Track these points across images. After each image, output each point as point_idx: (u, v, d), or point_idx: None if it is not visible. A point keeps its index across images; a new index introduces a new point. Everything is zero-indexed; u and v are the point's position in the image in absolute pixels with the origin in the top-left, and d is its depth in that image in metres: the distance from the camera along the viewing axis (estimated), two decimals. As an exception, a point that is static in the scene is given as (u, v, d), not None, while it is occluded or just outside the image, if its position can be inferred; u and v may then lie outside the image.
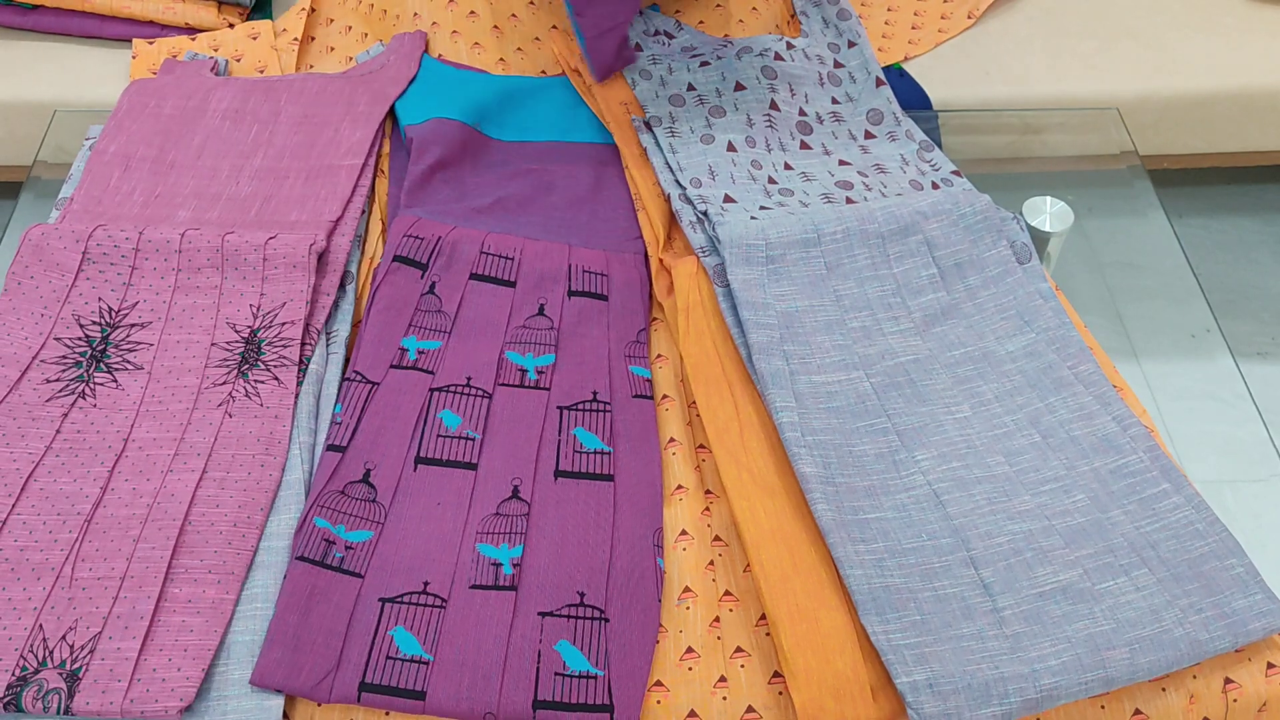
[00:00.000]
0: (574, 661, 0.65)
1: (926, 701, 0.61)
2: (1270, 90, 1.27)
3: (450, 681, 0.63)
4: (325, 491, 0.71)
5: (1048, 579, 0.67)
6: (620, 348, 0.83)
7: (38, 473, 0.72)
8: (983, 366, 0.80)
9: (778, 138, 0.99)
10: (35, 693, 0.61)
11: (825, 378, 0.78)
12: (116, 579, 0.66)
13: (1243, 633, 0.65)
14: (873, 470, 0.73)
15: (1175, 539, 0.69)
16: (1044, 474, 0.73)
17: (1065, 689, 0.63)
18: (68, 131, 1.07)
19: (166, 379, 0.78)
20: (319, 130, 0.98)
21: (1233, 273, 1.58)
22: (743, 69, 1.02)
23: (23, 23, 1.21)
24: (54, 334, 0.80)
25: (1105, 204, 1.09)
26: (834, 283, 0.84)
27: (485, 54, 1.11)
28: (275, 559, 0.69)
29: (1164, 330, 0.98)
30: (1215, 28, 1.32)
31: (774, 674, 0.66)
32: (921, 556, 0.68)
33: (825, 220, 0.86)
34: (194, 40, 1.12)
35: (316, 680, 0.63)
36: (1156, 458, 0.74)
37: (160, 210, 0.90)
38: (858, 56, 1.08)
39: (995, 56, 1.26)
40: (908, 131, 1.01)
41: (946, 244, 0.86)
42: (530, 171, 0.98)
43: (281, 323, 0.81)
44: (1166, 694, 0.66)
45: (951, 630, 0.65)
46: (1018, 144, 1.20)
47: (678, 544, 0.72)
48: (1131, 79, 1.26)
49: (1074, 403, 0.77)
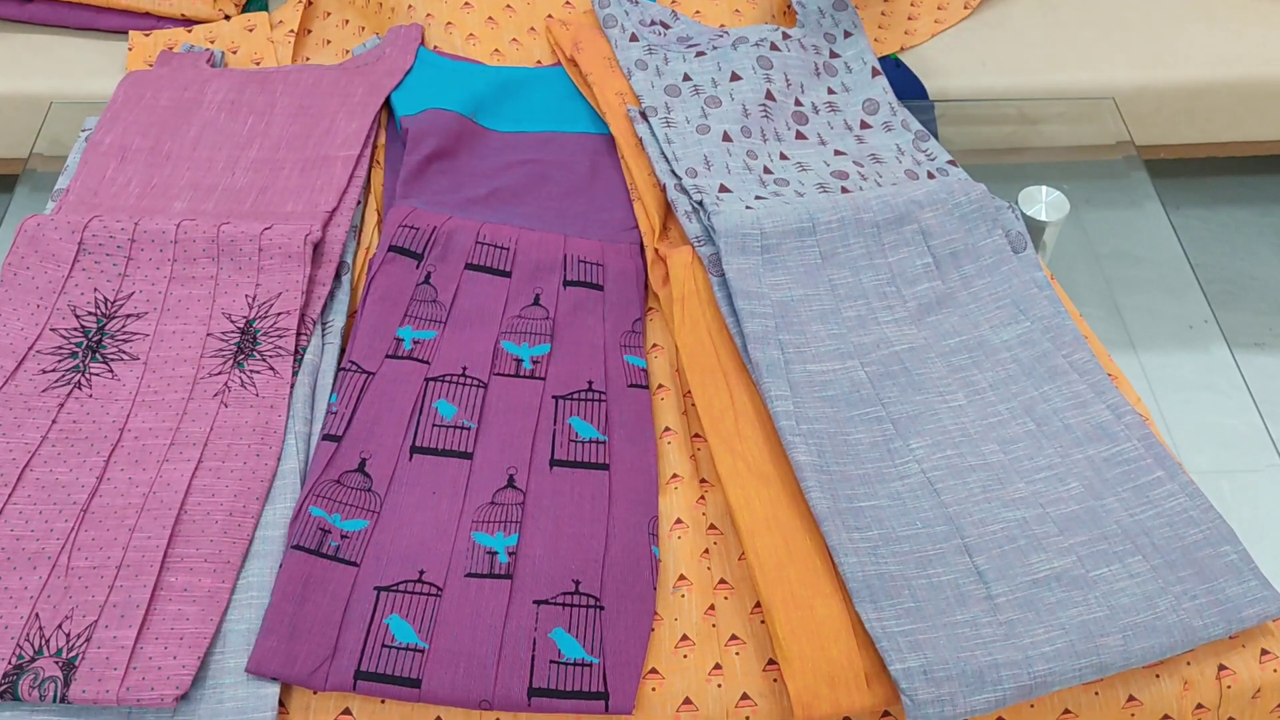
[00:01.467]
0: (569, 649, 0.65)
1: (920, 688, 0.61)
2: (1267, 80, 1.27)
3: (446, 669, 0.64)
4: (321, 481, 0.71)
5: (1041, 566, 0.67)
6: (616, 337, 0.83)
7: (34, 463, 0.72)
8: (977, 355, 0.80)
9: (773, 128, 0.99)
10: (31, 681, 0.61)
11: (820, 366, 0.78)
12: (113, 568, 0.67)
13: (1236, 619, 0.65)
14: (867, 459, 0.73)
15: (1169, 526, 0.70)
16: (1038, 462, 0.73)
17: (1059, 675, 0.63)
18: (64, 123, 1.07)
19: (162, 369, 0.78)
20: (315, 121, 0.98)
21: (1229, 263, 1.58)
22: (738, 59, 1.02)
23: (19, 14, 1.21)
24: (50, 325, 0.80)
25: (1102, 194, 1.08)
26: (829, 272, 0.84)
27: (480, 45, 1.11)
28: (271, 548, 0.69)
29: (1161, 321, 0.98)
30: (1212, 18, 1.32)
31: (769, 661, 0.66)
32: (916, 544, 0.68)
33: (820, 209, 0.86)
34: (190, 32, 1.12)
35: (312, 668, 0.63)
36: (1150, 445, 0.74)
37: (156, 201, 0.90)
38: (853, 46, 1.08)
39: (991, 46, 1.26)
40: (903, 121, 1.01)
41: (941, 233, 0.86)
42: (526, 162, 0.98)
43: (277, 313, 0.81)
44: (1160, 680, 0.66)
45: (945, 617, 0.65)
46: (1014, 134, 1.20)
47: (673, 532, 0.72)
48: (1128, 69, 1.25)
49: (1068, 391, 0.77)
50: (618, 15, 1.09)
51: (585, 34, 1.08)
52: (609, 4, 1.10)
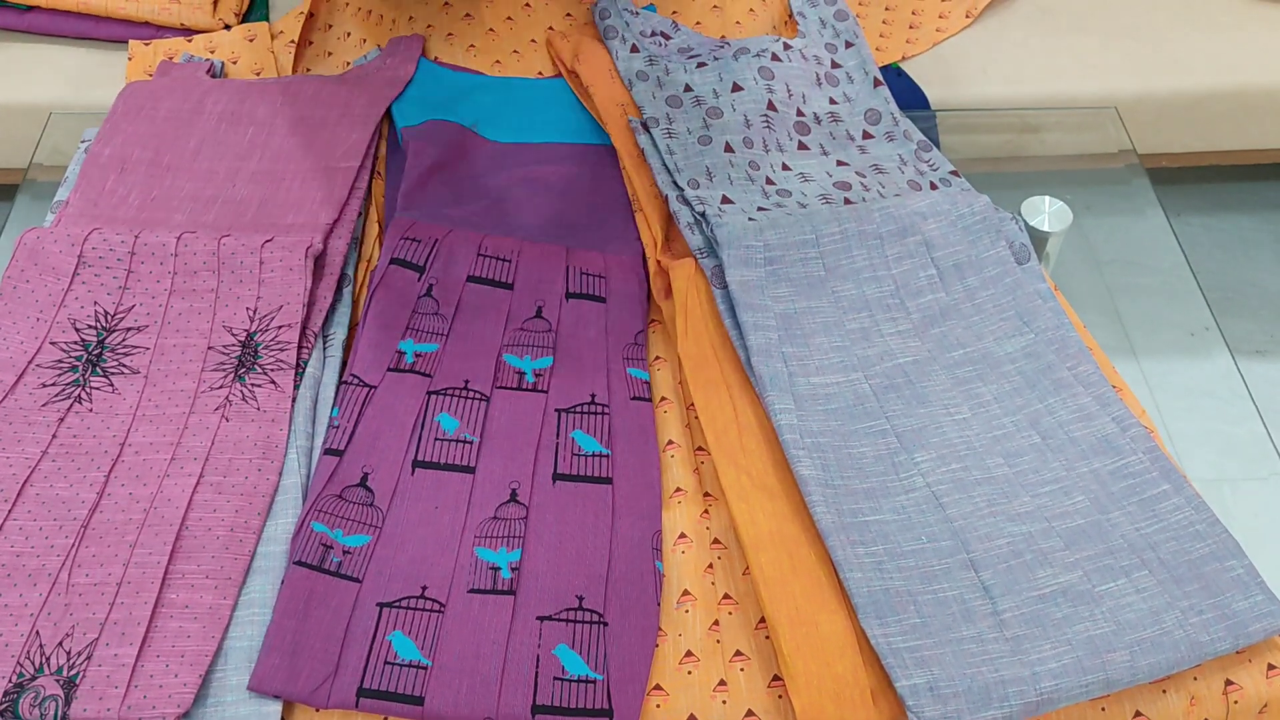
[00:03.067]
0: (573, 666, 0.64)
1: (927, 705, 0.61)
2: (1269, 88, 1.27)
3: (449, 686, 0.63)
4: (323, 496, 0.71)
5: (1048, 581, 0.67)
6: (618, 350, 0.83)
7: (34, 478, 0.71)
8: (982, 367, 0.80)
9: (775, 138, 0.98)
10: (32, 699, 0.61)
11: (824, 379, 0.78)
12: (113, 585, 0.66)
13: (1243, 634, 0.65)
14: (872, 472, 0.73)
15: (1175, 540, 0.69)
16: (1043, 475, 0.73)
17: (1066, 691, 0.62)
18: (63, 134, 1.07)
19: (163, 383, 0.77)
20: (316, 133, 0.98)
21: (1232, 271, 1.58)
22: (740, 70, 1.02)
23: (18, 24, 1.21)
24: (49, 338, 0.79)
25: (1104, 203, 1.08)
26: (833, 284, 0.84)
27: (481, 56, 1.11)
28: (273, 563, 0.68)
29: (1163, 328, 0.98)
30: (1214, 25, 1.32)
31: (774, 677, 0.66)
32: (921, 559, 0.68)
33: (823, 221, 0.86)
34: (190, 42, 1.12)
35: (314, 686, 0.63)
36: (1156, 459, 0.73)
37: (156, 213, 0.90)
38: (855, 57, 1.08)
39: (993, 55, 1.26)
40: (906, 131, 1.01)
41: (945, 244, 0.86)
42: (527, 173, 0.97)
43: (278, 326, 0.80)
44: (1167, 696, 0.65)
45: (951, 633, 0.65)
46: (1015, 143, 1.19)
47: (676, 547, 0.72)
48: (1130, 77, 1.25)
49: (1073, 404, 0.77)
50: (618, 26, 1.09)
51: (586, 45, 1.07)
52: (609, 15, 1.10)
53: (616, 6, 1.11)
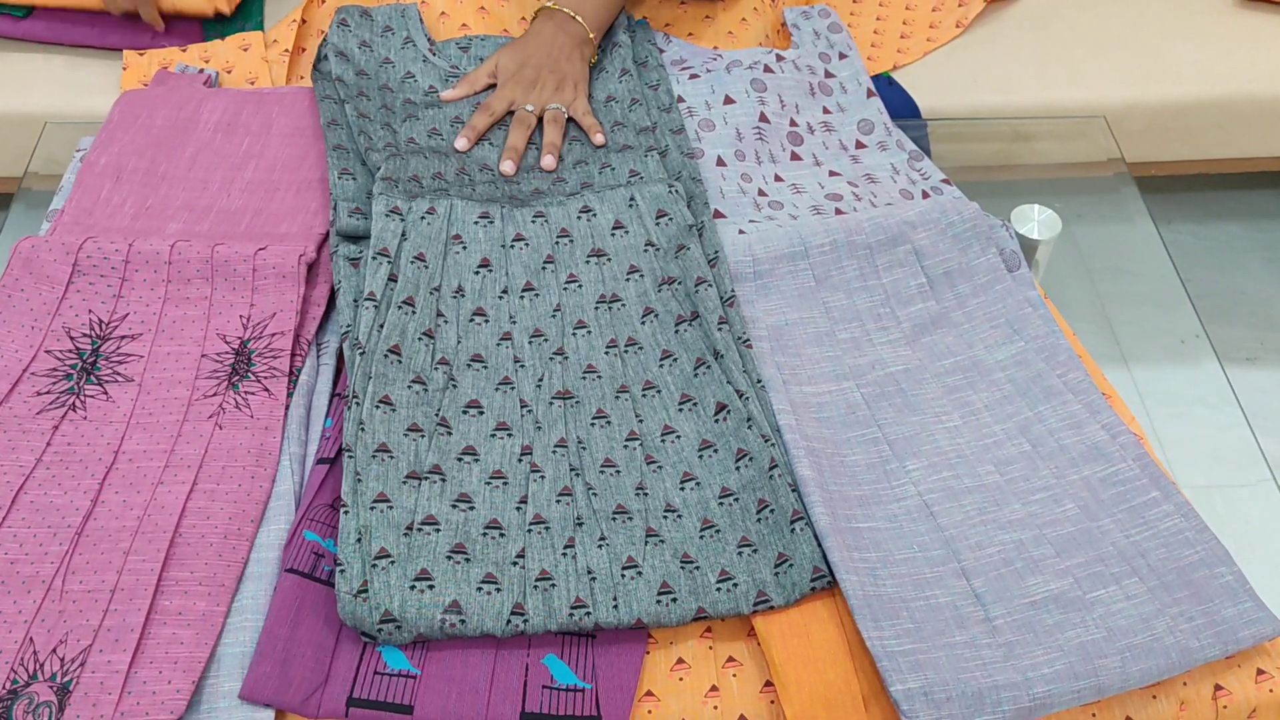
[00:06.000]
0: (561, 675, 0.65)
1: (921, 709, 0.61)
2: (1256, 97, 1.28)
3: (438, 695, 0.63)
4: (315, 504, 0.71)
5: (1039, 588, 0.68)
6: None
7: (28, 485, 0.72)
8: (972, 376, 0.80)
9: (768, 149, 0.99)
10: (26, 706, 0.61)
11: (816, 389, 0.79)
12: (107, 591, 0.66)
13: (1232, 641, 0.65)
14: (864, 480, 0.73)
15: (1165, 547, 0.70)
16: (1034, 483, 0.73)
17: (1058, 697, 0.63)
18: (58, 143, 1.07)
19: (157, 391, 0.78)
20: (310, 143, 0.98)
21: (1220, 278, 1.59)
22: (732, 82, 1.03)
23: (14, 31, 1.21)
24: (44, 346, 0.80)
25: (1093, 211, 1.09)
26: (823, 295, 0.85)
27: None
28: (265, 570, 0.69)
29: (1152, 336, 0.98)
30: (1202, 35, 1.33)
31: (766, 683, 0.66)
32: (913, 567, 0.68)
33: (813, 233, 0.86)
34: (184, 52, 1.12)
35: (305, 695, 0.63)
36: (1146, 466, 0.74)
37: (151, 222, 0.90)
38: (849, 68, 1.08)
39: (983, 65, 1.27)
40: (898, 141, 1.01)
41: (935, 253, 0.87)
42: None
43: (271, 334, 0.80)
44: (1157, 701, 0.66)
45: (945, 638, 0.65)
46: (1006, 152, 1.20)
47: (669, 554, 0.72)
48: (1119, 86, 1.26)
49: (1063, 411, 0.77)
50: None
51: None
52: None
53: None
